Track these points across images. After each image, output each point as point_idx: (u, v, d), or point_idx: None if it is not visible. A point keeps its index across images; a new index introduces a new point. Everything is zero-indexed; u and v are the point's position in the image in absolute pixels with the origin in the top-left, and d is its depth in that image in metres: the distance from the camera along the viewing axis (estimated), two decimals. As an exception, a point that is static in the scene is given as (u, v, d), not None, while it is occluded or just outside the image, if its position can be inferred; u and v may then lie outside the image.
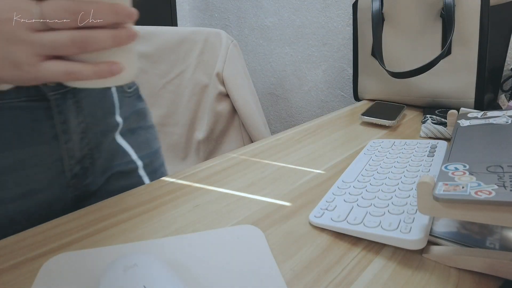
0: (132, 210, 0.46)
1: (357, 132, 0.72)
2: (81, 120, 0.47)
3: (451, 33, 0.72)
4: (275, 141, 0.68)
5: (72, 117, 0.45)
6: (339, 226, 0.40)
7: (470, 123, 0.50)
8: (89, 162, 0.49)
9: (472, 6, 0.72)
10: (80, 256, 0.37)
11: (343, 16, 1.15)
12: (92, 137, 0.49)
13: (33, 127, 0.42)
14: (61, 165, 0.45)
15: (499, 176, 0.33)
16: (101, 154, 0.51)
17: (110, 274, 0.29)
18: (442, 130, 0.67)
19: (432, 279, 0.34)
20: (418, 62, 0.73)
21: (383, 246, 0.38)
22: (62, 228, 0.42)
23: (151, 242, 0.39)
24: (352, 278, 0.34)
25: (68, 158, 0.46)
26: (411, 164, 0.52)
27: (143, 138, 0.59)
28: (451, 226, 0.39)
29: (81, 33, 0.27)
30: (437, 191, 0.32)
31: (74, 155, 0.46)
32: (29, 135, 0.42)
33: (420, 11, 0.78)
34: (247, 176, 0.54)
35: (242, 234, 0.40)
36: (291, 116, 1.44)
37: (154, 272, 0.29)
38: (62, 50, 0.28)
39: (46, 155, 0.44)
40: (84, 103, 0.47)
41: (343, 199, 0.45)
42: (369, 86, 0.91)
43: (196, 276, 0.34)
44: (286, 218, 0.44)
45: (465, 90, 0.78)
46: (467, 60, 0.76)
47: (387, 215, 0.40)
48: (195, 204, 0.47)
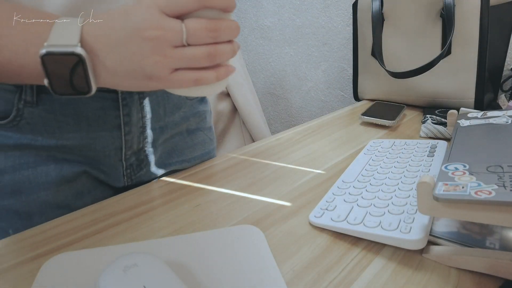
0: (132, 210, 0.46)
1: (357, 132, 0.72)
2: (142, 115, 0.50)
3: (451, 33, 0.72)
4: (275, 141, 0.68)
5: (135, 111, 0.49)
6: (339, 226, 0.40)
7: (470, 123, 0.50)
8: (144, 155, 0.53)
9: (472, 6, 0.72)
10: (80, 256, 0.37)
11: (343, 16, 1.15)
12: (150, 132, 0.52)
13: (100, 114, 0.46)
14: (120, 154, 0.49)
15: (499, 176, 0.33)
16: (157, 149, 0.54)
17: (110, 274, 0.29)
18: (442, 130, 0.67)
19: (432, 279, 0.34)
20: (418, 62, 0.73)
21: (383, 246, 0.38)
22: (62, 228, 0.42)
23: (151, 242, 0.39)
24: (352, 278, 0.34)
25: (126, 149, 0.49)
26: (411, 164, 0.52)
27: (200, 139, 0.62)
28: (451, 226, 0.39)
29: (214, 48, 0.30)
30: (437, 191, 0.32)
31: (132, 146, 0.49)
32: (96, 121, 0.46)
33: (420, 11, 0.78)
34: (247, 176, 0.54)
35: (242, 234, 0.40)
36: (291, 116, 1.44)
37: (154, 272, 0.29)
38: (197, 63, 0.30)
39: (108, 142, 0.48)
40: (147, 100, 0.50)
41: (343, 199, 0.45)
42: (369, 86, 0.91)
43: (196, 276, 0.34)
44: (286, 218, 0.44)
45: (465, 90, 0.78)
46: (467, 60, 0.76)
47: (387, 215, 0.40)
48: (195, 204, 0.47)
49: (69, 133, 0.46)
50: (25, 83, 0.36)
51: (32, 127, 0.44)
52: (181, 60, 0.30)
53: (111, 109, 0.47)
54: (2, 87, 0.41)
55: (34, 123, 0.43)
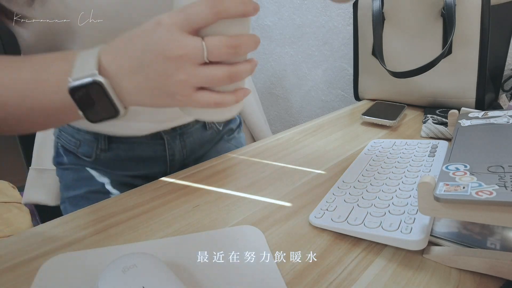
0: (132, 210, 0.46)
1: (357, 132, 0.72)
2: (183, 152, 0.67)
3: (452, 33, 0.72)
4: (275, 141, 0.68)
5: (177, 150, 0.66)
6: (340, 227, 0.40)
7: (471, 123, 0.50)
8: None
9: (473, 6, 0.72)
10: (79, 257, 0.37)
11: (344, 16, 1.15)
12: (189, 162, 0.69)
13: (152, 156, 0.64)
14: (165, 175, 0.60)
15: (500, 176, 0.32)
16: None
17: (109, 275, 0.29)
18: (443, 130, 0.67)
19: (432, 280, 0.34)
20: (418, 62, 0.73)
21: (384, 247, 0.38)
22: (62, 228, 0.42)
23: (150, 242, 0.39)
24: (352, 279, 0.34)
25: (170, 172, 0.60)
26: (412, 164, 0.51)
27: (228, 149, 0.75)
28: (452, 227, 0.39)
29: (235, 68, 0.30)
30: (438, 191, 0.32)
31: (175, 171, 0.59)
32: (149, 160, 0.64)
33: (420, 10, 0.78)
34: (247, 176, 0.54)
35: (242, 235, 0.40)
36: (291, 116, 1.44)
37: (153, 272, 0.29)
38: (218, 83, 0.31)
39: (158, 171, 0.66)
40: (187, 142, 0.67)
41: (344, 200, 0.45)
42: (370, 86, 0.91)
43: (196, 277, 0.34)
44: (286, 219, 0.44)
45: (466, 89, 0.78)
46: (468, 59, 0.76)
47: (388, 215, 0.40)
48: (195, 204, 0.47)
49: (131, 169, 0.64)
50: (66, 122, 0.38)
51: (106, 164, 0.62)
52: (203, 78, 0.30)
53: (160, 151, 0.64)
54: (86, 138, 0.60)
55: (107, 162, 0.62)
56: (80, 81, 0.30)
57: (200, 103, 0.31)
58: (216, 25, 0.29)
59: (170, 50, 0.29)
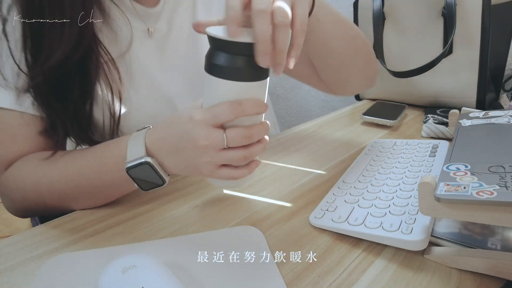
0: (131, 210, 0.45)
1: (358, 132, 0.72)
2: None
3: (453, 32, 0.71)
4: (275, 141, 0.67)
5: None
6: (340, 227, 0.40)
7: (472, 123, 0.50)
8: None
9: (473, 5, 0.72)
10: (79, 257, 0.37)
11: (344, 15, 1.15)
12: None
13: None
14: None
15: (500, 177, 0.32)
16: None
17: (108, 275, 0.29)
18: (443, 130, 0.66)
19: (433, 280, 0.34)
20: (419, 62, 0.73)
21: (384, 247, 0.38)
22: (62, 229, 0.42)
23: (150, 243, 0.39)
24: (353, 280, 0.34)
25: None
26: (413, 164, 0.51)
27: None
28: (453, 227, 0.39)
29: (249, 150, 0.38)
30: (439, 191, 0.32)
31: None
32: None
33: (421, 10, 0.78)
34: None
35: (242, 235, 0.40)
36: (291, 115, 1.44)
37: (152, 273, 0.29)
38: (235, 162, 0.39)
39: None
40: None
41: (344, 200, 0.45)
42: (370, 86, 0.91)
43: (196, 277, 0.34)
44: (287, 219, 0.43)
45: (466, 89, 0.77)
46: (469, 59, 0.75)
47: (388, 215, 0.40)
48: (195, 204, 0.47)
49: None
50: (123, 193, 0.46)
51: None
52: (224, 160, 0.38)
53: None
54: None
55: None
56: (134, 162, 0.39)
57: (221, 177, 0.40)
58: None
59: (198, 140, 0.36)
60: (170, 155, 0.40)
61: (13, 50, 0.44)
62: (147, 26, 0.52)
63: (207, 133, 0.36)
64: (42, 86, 0.44)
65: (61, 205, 0.45)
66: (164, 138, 0.40)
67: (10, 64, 0.44)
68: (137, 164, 0.39)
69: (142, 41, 0.52)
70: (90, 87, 0.46)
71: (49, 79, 0.44)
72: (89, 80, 0.46)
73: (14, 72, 0.44)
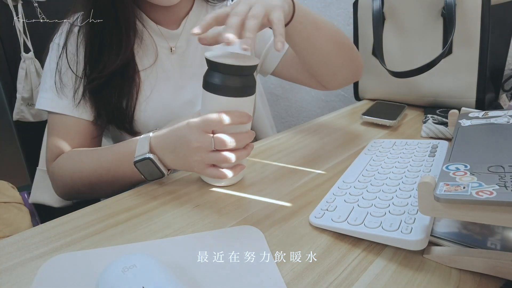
0: (131, 210, 0.45)
1: (357, 132, 0.72)
2: None
3: (452, 33, 0.71)
4: (275, 141, 0.67)
5: None
6: (340, 227, 0.40)
7: (471, 123, 0.50)
8: None
9: (473, 6, 0.72)
10: (79, 257, 0.37)
11: (344, 15, 1.15)
12: None
13: None
14: None
15: (500, 176, 0.32)
16: None
17: (109, 275, 0.29)
18: (443, 130, 0.66)
19: (433, 280, 0.34)
20: (419, 62, 0.73)
21: (384, 247, 0.38)
22: (62, 228, 0.42)
23: (150, 243, 0.39)
24: (352, 279, 0.34)
25: None
26: (412, 164, 0.51)
27: None
28: (452, 227, 0.39)
29: (234, 154, 0.45)
30: (438, 191, 0.32)
31: None
32: None
33: (421, 10, 0.78)
34: (247, 176, 0.54)
35: (242, 235, 0.40)
36: (291, 115, 1.44)
37: (153, 273, 0.29)
38: (221, 163, 0.46)
39: None
40: None
41: (344, 200, 0.45)
42: (370, 86, 0.91)
43: (196, 277, 0.34)
44: (286, 219, 0.43)
45: (466, 89, 0.77)
46: (468, 59, 0.75)
47: (388, 215, 0.40)
48: (195, 205, 0.47)
49: None
50: (133, 183, 0.54)
51: None
52: (212, 160, 0.46)
53: None
54: None
55: None
56: (139, 157, 0.49)
57: (209, 175, 0.48)
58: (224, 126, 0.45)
59: (192, 142, 0.46)
60: (169, 153, 0.49)
61: (72, 64, 0.60)
62: (170, 46, 0.66)
63: (199, 136, 0.45)
64: (97, 88, 0.59)
65: (91, 192, 0.58)
66: (165, 139, 0.49)
67: (69, 75, 0.60)
68: (142, 159, 0.48)
69: (167, 56, 0.65)
70: (126, 89, 0.61)
71: (102, 84, 0.59)
72: (126, 85, 0.61)
73: (72, 81, 0.60)
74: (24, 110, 1.32)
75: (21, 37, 1.26)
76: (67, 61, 0.60)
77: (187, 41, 0.67)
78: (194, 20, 0.68)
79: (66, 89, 0.60)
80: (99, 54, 0.59)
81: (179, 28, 0.66)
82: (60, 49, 0.60)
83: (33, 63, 1.28)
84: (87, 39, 0.59)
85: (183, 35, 0.67)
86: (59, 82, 0.60)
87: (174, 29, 0.66)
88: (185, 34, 0.67)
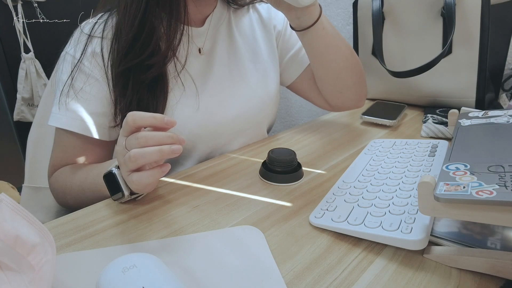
0: (131, 210, 0.45)
1: (357, 131, 0.72)
2: None
3: (452, 32, 0.71)
4: (275, 141, 0.67)
5: None
6: (340, 227, 0.40)
7: (471, 122, 0.50)
8: None
9: (472, 5, 0.72)
10: (79, 257, 0.37)
11: (343, 15, 1.15)
12: None
13: None
14: None
15: (500, 176, 0.32)
16: None
17: (109, 275, 0.29)
18: (443, 130, 0.66)
19: (433, 280, 0.34)
20: (418, 61, 0.73)
21: (384, 247, 0.38)
22: (62, 229, 0.42)
23: (150, 243, 0.39)
24: (353, 279, 0.34)
25: None
26: (412, 164, 0.51)
27: None
28: (452, 226, 0.39)
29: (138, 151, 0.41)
30: (438, 191, 0.32)
31: None
32: None
33: (420, 10, 0.78)
34: (247, 176, 0.54)
35: (242, 235, 0.40)
36: (291, 115, 1.44)
37: (153, 273, 0.29)
38: (133, 162, 0.41)
39: None
40: None
41: (344, 199, 0.45)
42: (370, 86, 0.91)
43: (196, 277, 0.34)
44: (286, 219, 0.43)
45: (466, 89, 0.77)
46: (468, 59, 0.75)
47: (388, 215, 0.40)
48: (195, 205, 0.47)
49: None
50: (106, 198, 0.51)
51: None
52: (126, 161, 0.42)
53: None
54: None
55: None
56: (106, 171, 0.46)
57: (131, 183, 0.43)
58: None
59: (117, 146, 0.45)
60: None
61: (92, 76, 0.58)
62: (198, 47, 0.65)
63: (120, 140, 0.44)
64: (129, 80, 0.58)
65: (78, 205, 0.55)
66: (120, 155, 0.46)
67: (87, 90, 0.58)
68: (107, 172, 0.46)
69: (196, 58, 0.65)
70: (158, 91, 0.60)
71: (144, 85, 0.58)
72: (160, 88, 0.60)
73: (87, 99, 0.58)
74: (24, 110, 1.32)
75: (21, 37, 1.26)
76: (83, 76, 0.57)
77: (212, 39, 0.66)
78: (218, 17, 0.67)
79: (78, 105, 0.57)
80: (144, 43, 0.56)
81: (205, 25, 0.65)
82: (75, 62, 0.57)
83: (33, 63, 1.28)
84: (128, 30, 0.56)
85: (209, 34, 0.66)
86: (73, 97, 0.57)
87: (200, 26, 0.65)
88: (210, 32, 0.66)
